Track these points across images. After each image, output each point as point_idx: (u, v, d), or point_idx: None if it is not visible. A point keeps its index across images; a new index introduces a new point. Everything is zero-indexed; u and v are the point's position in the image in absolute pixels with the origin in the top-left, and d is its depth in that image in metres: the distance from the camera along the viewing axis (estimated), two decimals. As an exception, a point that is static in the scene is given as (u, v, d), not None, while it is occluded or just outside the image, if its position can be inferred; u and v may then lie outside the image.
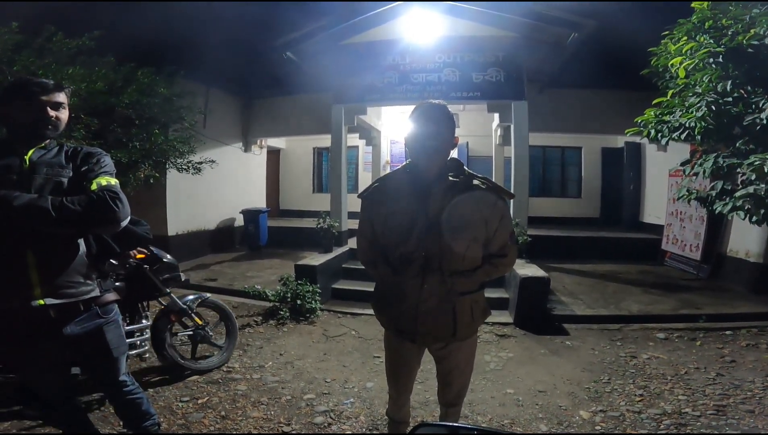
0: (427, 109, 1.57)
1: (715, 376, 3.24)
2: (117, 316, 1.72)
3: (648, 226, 8.19)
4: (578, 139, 9.76)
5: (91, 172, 1.53)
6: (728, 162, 3.44)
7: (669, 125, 3.77)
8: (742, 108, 3.29)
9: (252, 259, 7.78)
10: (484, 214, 1.57)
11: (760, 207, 3.11)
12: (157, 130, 5.04)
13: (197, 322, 3.22)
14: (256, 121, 9.58)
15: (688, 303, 4.87)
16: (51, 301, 1.45)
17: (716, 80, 3.39)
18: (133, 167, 4.77)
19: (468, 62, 6.63)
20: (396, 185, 1.66)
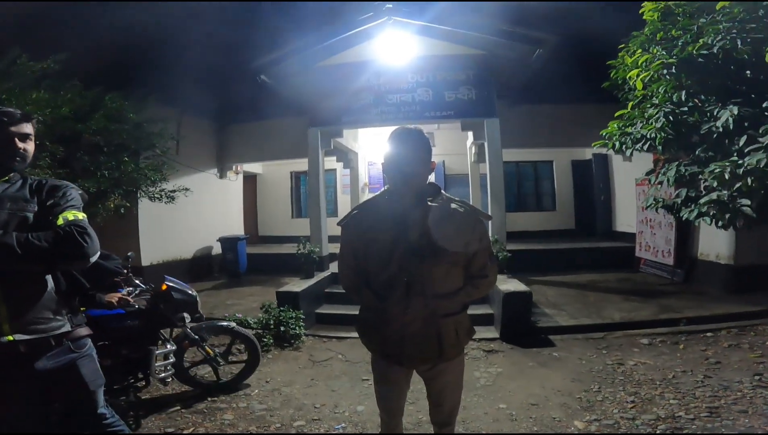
0: (403, 134, 1.59)
1: (703, 378, 3.26)
2: (91, 351, 1.66)
3: (621, 235, 8.43)
4: (549, 153, 10.04)
5: (58, 207, 1.49)
6: (690, 170, 3.55)
7: (631, 137, 3.90)
8: (698, 117, 3.41)
9: (232, 287, 7.60)
10: (464, 237, 1.60)
11: (725, 212, 3.19)
12: (126, 158, 4.90)
13: (208, 353, 3.31)
14: (231, 147, 9.48)
15: (667, 308, 4.95)
16: (20, 337, 1.42)
17: (671, 91, 3.54)
18: (103, 197, 4.59)
19: (440, 81, 6.77)
20: (375, 211, 1.68)
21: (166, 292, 2.94)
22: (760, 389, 2.97)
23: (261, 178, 11.69)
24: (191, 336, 3.18)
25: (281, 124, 8.84)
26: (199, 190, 7.59)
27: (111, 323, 2.69)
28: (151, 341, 2.89)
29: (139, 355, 2.83)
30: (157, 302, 2.91)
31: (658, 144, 3.62)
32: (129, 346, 2.79)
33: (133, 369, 2.85)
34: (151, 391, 3.33)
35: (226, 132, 9.50)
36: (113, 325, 2.70)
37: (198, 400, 3.24)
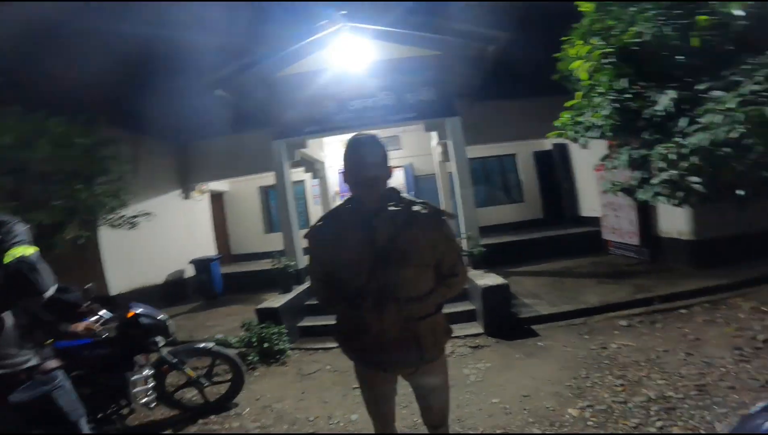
0: (360, 140, 1.60)
1: (686, 356, 3.30)
2: (64, 382, 1.69)
3: (588, 220, 8.72)
4: (511, 147, 10.27)
5: (4, 244, 1.47)
6: (639, 153, 3.73)
7: (583, 125, 4.08)
8: (640, 103, 3.59)
9: (209, 308, 7.37)
10: (429, 238, 1.61)
11: (677, 191, 3.37)
12: (80, 186, 4.60)
13: (189, 375, 3.29)
14: (194, 165, 9.20)
15: (639, 288, 5.06)
16: None
17: (614, 79, 3.71)
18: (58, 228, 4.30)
19: (401, 84, 6.82)
20: (340, 220, 1.68)
21: (133, 318, 2.91)
22: (743, 364, 3.01)
23: (228, 196, 11.35)
24: (168, 360, 3.16)
25: (244, 138, 8.66)
26: (164, 213, 7.31)
27: (82, 353, 2.68)
28: (127, 367, 2.88)
29: (116, 382, 2.81)
30: (125, 329, 2.90)
31: (607, 130, 3.80)
32: (105, 373, 2.78)
33: (113, 396, 2.83)
34: (140, 418, 3.25)
35: (187, 150, 9.21)
36: (84, 355, 2.68)
37: (189, 423, 3.20)
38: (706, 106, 3.10)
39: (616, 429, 2.48)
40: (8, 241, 1.47)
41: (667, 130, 3.49)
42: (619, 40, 3.59)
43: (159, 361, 3.16)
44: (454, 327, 2.18)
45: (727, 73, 3.20)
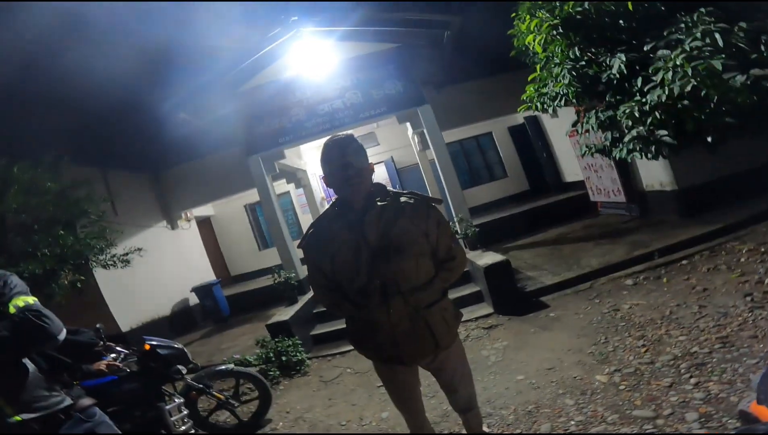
0: (336, 142, 1.60)
1: (699, 309, 3.24)
2: (103, 417, 1.74)
3: (572, 185, 8.87)
4: (486, 126, 10.33)
5: (3, 296, 1.52)
6: (606, 115, 3.87)
7: (547, 96, 4.20)
8: (596, 68, 3.74)
9: (221, 331, 7.30)
10: (421, 227, 1.63)
11: (648, 145, 3.50)
12: (62, 231, 4.45)
13: (218, 398, 3.33)
14: (173, 194, 9.01)
15: (637, 244, 5.08)
16: (27, 416, 1.51)
17: (566, 49, 3.84)
18: (53, 276, 4.17)
19: (366, 81, 6.83)
20: (330, 225, 1.69)
21: (151, 350, 2.92)
22: (758, 310, 2.93)
23: (215, 219, 11.18)
24: (195, 385, 3.22)
25: (219, 158, 8.55)
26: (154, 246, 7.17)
27: (111, 389, 2.68)
28: (158, 398, 2.90)
29: (152, 414, 2.81)
30: (146, 362, 2.92)
31: (571, 97, 3.93)
32: (139, 407, 2.80)
33: (152, 429, 2.83)
34: None
35: (164, 180, 9.02)
36: (113, 391, 2.68)
37: None
38: (655, 65, 3.27)
39: (650, 391, 2.47)
40: (7, 294, 1.50)
41: (626, 90, 3.65)
42: (563, 12, 3.70)
43: (186, 388, 3.20)
44: (463, 310, 2.23)
45: (667, 33, 3.37)
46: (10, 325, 1.43)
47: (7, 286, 1.53)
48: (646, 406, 2.36)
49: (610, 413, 2.39)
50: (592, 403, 2.54)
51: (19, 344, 1.46)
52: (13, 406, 1.50)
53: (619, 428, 2.24)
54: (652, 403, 2.36)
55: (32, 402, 1.54)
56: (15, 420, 1.50)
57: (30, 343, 1.49)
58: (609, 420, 2.33)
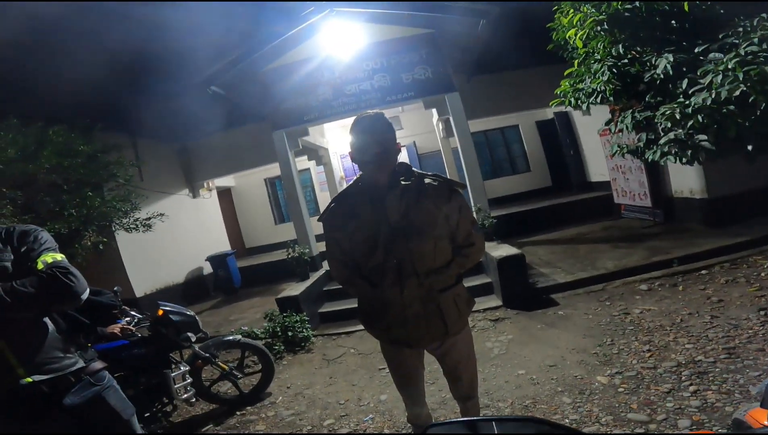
0: (363, 121, 1.59)
1: (711, 319, 3.23)
2: (111, 382, 1.72)
3: (597, 185, 8.65)
4: (513, 118, 10.18)
5: (33, 252, 1.47)
6: (643, 115, 3.75)
7: (583, 92, 4.09)
8: (639, 67, 3.62)
9: (230, 302, 7.49)
10: (443, 210, 1.61)
11: (685, 149, 3.40)
12: (90, 193, 4.62)
13: (222, 368, 3.37)
14: (198, 164, 9.21)
15: (656, 250, 4.97)
16: (39, 378, 1.47)
17: (609, 46, 3.73)
18: (76, 236, 4.35)
19: (396, 65, 6.78)
20: (352, 200, 1.68)
21: (164, 316, 2.98)
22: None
23: (236, 191, 11.39)
24: (201, 354, 3.22)
25: (245, 132, 8.66)
26: (175, 214, 7.36)
27: (120, 354, 2.72)
28: (165, 365, 2.95)
29: (156, 381, 2.88)
30: (158, 328, 2.96)
31: (608, 95, 3.82)
32: (145, 373, 2.84)
33: (156, 395, 2.92)
34: (182, 414, 3.36)
35: (190, 149, 9.21)
36: (123, 356, 2.74)
37: (228, 416, 3.28)
38: (705, 68, 3.16)
39: (648, 395, 2.48)
40: (37, 250, 1.48)
41: (668, 92, 3.54)
42: (610, 8, 3.59)
43: (192, 357, 3.22)
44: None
45: (722, 36, 3.27)
46: (37, 281, 1.39)
47: (37, 241, 1.51)
48: (642, 410, 2.36)
49: (605, 414, 2.39)
50: (589, 403, 2.54)
51: (45, 301, 1.42)
52: (26, 367, 1.46)
53: (612, 429, 2.25)
54: (647, 408, 2.36)
55: (46, 363, 1.50)
56: (26, 382, 1.45)
57: (55, 301, 1.44)
58: (603, 421, 2.34)
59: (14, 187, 3.86)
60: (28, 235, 1.52)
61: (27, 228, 1.55)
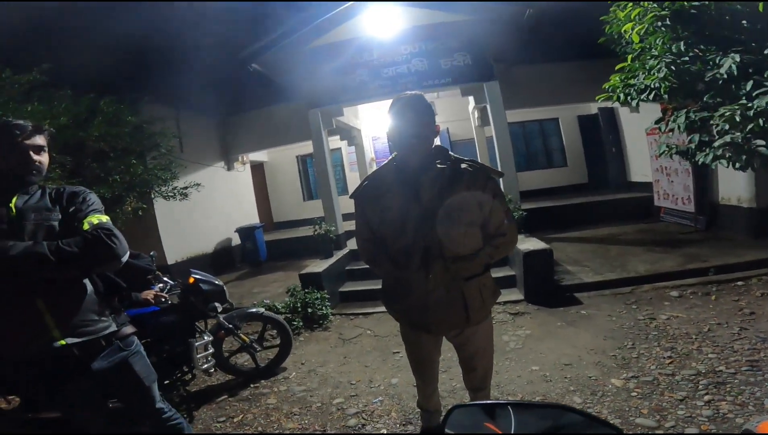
0: (403, 101, 1.57)
1: (739, 331, 3.15)
2: (139, 347, 1.73)
3: (637, 185, 8.28)
4: (554, 111, 9.87)
5: (80, 212, 1.50)
6: (699, 116, 3.56)
7: (635, 88, 3.90)
8: (700, 66, 3.42)
9: (255, 275, 7.70)
10: (477, 197, 1.58)
11: (741, 153, 3.21)
12: (134, 161, 4.89)
13: (243, 340, 3.38)
14: (235, 138, 9.46)
15: (693, 257, 4.80)
16: (72, 341, 1.47)
17: (669, 42, 3.53)
18: (118, 201, 4.62)
19: (434, 50, 6.69)
20: (385, 180, 1.67)
21: (195, 284, 3.00)
22: None
23: (268, 166, 11.67)
24: (225, 325, 3.23)
25: (281, 109, 8.78)
26: (209, 185, 7.63)
27: (150, 320, 2.74)
28: (189, 334, 2.96)
29: (180, 349, 2.89)
30: (187, 296, 2.98)
31: (663, 93, 3.64)
32: (170, 341, 2.85)
33: (177, 363, 2.92)
34: (198, 384, 3.45)
35: (227, 124, 9.46)
36: (152, 322, 2.75)
37: (242, 388, 3.35)
38: None
39: (660, 401, 2.43)
40: (84, 210, 1.50)
41: (729, 93, 3.33)
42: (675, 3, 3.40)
43: (216, 327, 3.24)
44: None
45: None
46: (81, 241, 1.40)
47: (85, 202, 1.54)
48: (651, 415, 2.32)
49: (613, 417, 2.36)
50: (599, 405, 2.50)
51: (87, 261, 1.42)
52: (62, 329, 1.45)
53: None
54: (657, 414, 2.32)
55: (81, 326, 1.50)
56: (59, 344, 1.45)
57: (97, 261, 1.44)
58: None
59: (64, 153, 4.09)
60: (77, 195, 1.55)
61: (76, 189, 1.59)
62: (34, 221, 1.44)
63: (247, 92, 8.39)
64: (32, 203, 1.48)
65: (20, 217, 1.43)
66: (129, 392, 1.69)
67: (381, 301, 1.86)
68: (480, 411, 0.91)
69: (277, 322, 3.57)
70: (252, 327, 3.94)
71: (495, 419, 0.84)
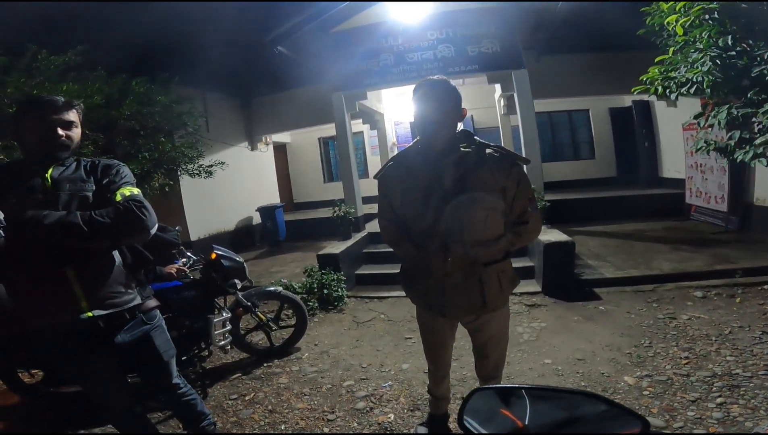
0: (426, 85, 1.56)
1: (761, 335, 3.07)
2: (161, 322, 1.75)
3: (668, 181, 7.98)
4: (584, 102, 9.57)
5: (113, 184, 1.54)
6: (742, 112, 3.41)
7: (675, 81, 3.77)
8: (747, 61, 3.28)
9: (274, 254, 7.83)
10: (501, 182, 1.56)
11: None
12: (163, 139, 5.05)
13: (260, 318, 3.39)
14: (259, 119, 9.57)
15: (721, 258, 4.65)
16: (99, 313, 1.49)
17: (716, 35, 3.37)
18: (147, 177, 4.78)
19: (461, 36, 6.55)
20: (409, 162, 1.67)
21: (216, 260, 3.00)
22: None
23: (290, 147, 11.79)
24: (244, 302, 3.24)
25: (305, 92, 8.80)
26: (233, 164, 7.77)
27: (171, 295, 2.76)
28: (209, 310, 2.98)
29: (199, 325, 2.91)
30: (209, 271, 3.00)
31: (705, 87, 3.48)
32: (190, 316, 2.87)
33: (195, 339, 2.94)
34: (213, 361, 3.52)
35: (252, 105, 9.56)
36: (174, 297, 2.77)
37: (255, 366, 3.39)
38: None
39: (672, 401, 2.39)
40: (117, 182, 1.53)
41: None
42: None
43: (235, 304, 3.24)
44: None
45: None
46: (114, 211, 1.43)
47: (118, 174, 1.57)
48: (661, 414, 2.29)
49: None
50: (609, 402, 2.48)
51: (118, 232, 1.44)
52: (90, 300, 1.47)
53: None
54: (667, 414, 2.29)
55: (108, 298, 1.52)
56: (86, 316, 1.46)
57: (127, 232, 1.46)
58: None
59: (97, 130, 4.24)
60: (111, 168, 1.59)
61: (110, 162, 1.63)
62: (69, 192, 1.47)
63: (272, 74, 8.43)
64: (68, 174, 1.51)
65: (55, 187, 1.47)
66: (147, 366, 1.72)
67: (400, 282, 1.87)
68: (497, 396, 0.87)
69: (293, 302, 3.58)
70: (269, 306, 3.98)
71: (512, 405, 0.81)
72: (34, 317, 1.48)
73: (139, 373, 1.80)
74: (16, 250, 1.39)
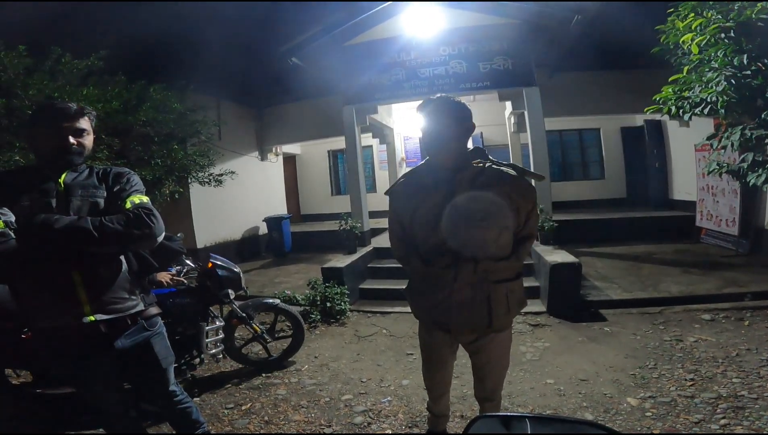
0: (432, 104, 1.58)
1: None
2: (162, 329, 1.75)
3: (679, 203, 7.89)
4: (595, 121, 9.54)
5: (124, 192, 1.56)
6: (756, 133, 3.39)
7: (689, 101, 3.75)
8: (762, 80, 3.26)
9: (279, 265, 7.83)
10: (516, 202, 1.56)
11: None
12: (176, 146, 5.14)
13: (255, 330, 3.36)
14: (270, 129, 9.70)
15: (730, 281, 4.61)
16: (101, 317, 1.50)
17: (731, 54, 3.36)
18: (158, 184, 4.85)
19: (473, 53, 6.63)
20: (420, 179, 1.68)
21: (212, 269, 2.99)
22: None
23: (300, 159, 11.91)
24: (238, 313, 3.22)
25: (316, 104, 8.92)
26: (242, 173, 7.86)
27: (167, 302, 2.74)
28: (202, 318, 2.97)
29: (191, 332, 2.89)
30: (204, 279, 3.00)
31: (720, 107, 3.46)
32: (183, 323, 2.85)
33: (186, 346, 2.90)
34: (212, 369, 3.49)
35: (264, 115, 9.70)
36: (169, 304, 2.74)
37: (253, 377, 3.37)
38: None
39: (675, 422, 2.35)
40: (127, 190, 1.56)
41: None
42: (741, 15, 3.22)
43: (230, 314, 3.24)
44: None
45: None
46: (123, 218, 1.45)
47: (129, 182, 1.60)
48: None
49: (623, 436, 2.29)
50: (610, 423, 2.43)
51: (127, 238, 1.46)
52: (93, 304, 1.49)
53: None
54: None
55: (111, 303, 1.53)
56: (88, 320, 1.48)
57: (135, 239, 1.48)
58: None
59: (113, 135, 4.33)
60: (122, 176, 1.62)
61: (122, 170, 1.66)
62: (81, 197, 1.51)
63: (284, 85, 8.60)
64: (80, 180, 1.55)
65: (68, 192, 1.50)
66: (145, 372, 1.72)
67: (406, 297, 1.86)
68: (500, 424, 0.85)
69: (290, 315, 3.56)
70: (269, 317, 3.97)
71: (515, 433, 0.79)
72: (37, 317, 1.51)
73: (137, 378, 1.78)
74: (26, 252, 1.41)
